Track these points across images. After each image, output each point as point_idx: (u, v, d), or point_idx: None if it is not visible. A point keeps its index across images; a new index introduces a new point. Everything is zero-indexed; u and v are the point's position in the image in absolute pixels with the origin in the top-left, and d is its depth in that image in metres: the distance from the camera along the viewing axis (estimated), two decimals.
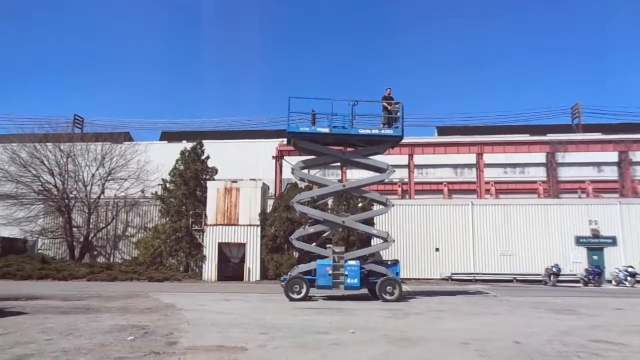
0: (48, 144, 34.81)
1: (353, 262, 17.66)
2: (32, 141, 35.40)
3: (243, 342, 8.53)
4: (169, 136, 57.55)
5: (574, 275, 29.63)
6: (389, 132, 18.64)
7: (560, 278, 28.89)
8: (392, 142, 19.26)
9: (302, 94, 20.16)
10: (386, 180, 36.08)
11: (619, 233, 31.17)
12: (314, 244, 19.40)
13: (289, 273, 18.45)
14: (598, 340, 9.00)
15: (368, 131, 18.46)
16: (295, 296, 16.89)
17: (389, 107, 18.81)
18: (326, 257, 18.07)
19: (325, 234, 20.33)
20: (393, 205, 20.22)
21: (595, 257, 30.91)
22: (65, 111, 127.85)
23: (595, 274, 28.77)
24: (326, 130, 18.12)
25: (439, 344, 8.69)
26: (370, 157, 19.61)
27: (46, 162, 33.97)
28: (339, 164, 21.40)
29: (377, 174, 19.54)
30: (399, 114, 18.61)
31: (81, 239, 34.24)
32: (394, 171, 19.47)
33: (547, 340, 8.96)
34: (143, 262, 30.77)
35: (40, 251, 34.23)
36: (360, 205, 26.41)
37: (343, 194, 28.23)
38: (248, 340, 8.66)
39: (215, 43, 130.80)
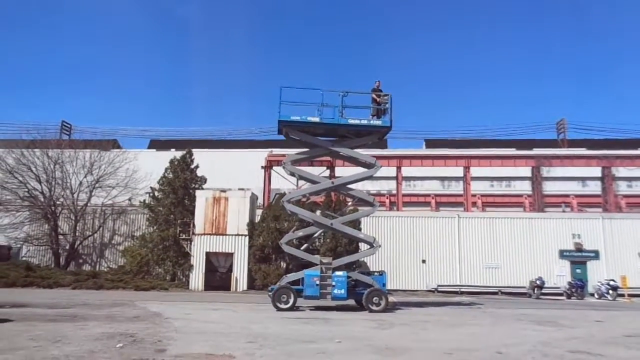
0: (36, 150, 34.62)
1: (340, 273, 17.86)
2: (19, 147, 35.19)
3: (231, 350, 8.66)
4: (158, 144, 57.49)
5: (558, 288, 30.01)
6: (378, 122, 19.01)
7: (544, 291, 29.22)
8: (380, 133, 19.59)
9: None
10: (374, 192, 36.32)
11: (602, 247, 31.73)
12: (302, 248, 19.68)
13: (277, 283, 18.58)
14: (576, 351, 9.27)
15: (357, 121, 18.83)
16: (282, 306, 17.00)
17: (378, 99, 19.15)
18: (314, 263, 18.31)
19: (315, 235, 20.60)
20: (379, 205, 20.54)
21: (578, 271, 31.39)
22: (52, 118, 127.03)
23: (578, 287, 29.22)
24: (316, 119, 18.48)
25: (422, 354, 8.91)
26: (359, 150, 20.05)
27: (33, 169, 33.74)
28: (327, 175, 21.69)
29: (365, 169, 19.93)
30: (387, 105, 18.96)
31: (67, 247, 33.92)
32: (380, 167, 19.76)
33: (527, 351, 9.21)
34: (130, 270, 30.55)
35: (24, 258, 33.82)
36: (350, 203, 26.86)
37: (332, 205, 28.60)
38: (236, 349, 8.79)
39: (205, 53, 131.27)
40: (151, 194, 32.77)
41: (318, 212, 23.62)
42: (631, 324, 14.71)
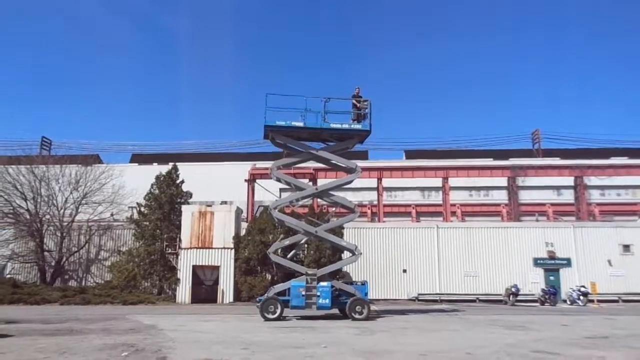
0: (21, 166, 34.83)
1: (325, 283, 18.81)
2: (1, 163, 35.33)
3: (227, 356, 9.51)
4: (140, 158, 57.81)
5: (532, 295, 31.31)
6: (358, 126, 20.25)
7: (519, 298, 30.44)
8: (360, 137, 20.76)
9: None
10: (356, 202, 37.44)
11: (573, 255, 33.21)
12: (288, 256, 20.68)
13: (265, 294, 19.43)
14: (538, 351, 10.32)
15: (339, 125, 20.08)
16: (270, 316, 17.83)
17: (358, 105, 20.37)
18: (300, 272, 19.32)
19: (301, 242, 21.63)
20: (359, 212, 21.69)
21: (551, 278, 32.79)
22: (29, 132, 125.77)
23: (551, 294, 30.54)
24: (300, 124, 19.68)
25: (400, 355, 9.86)
26: (340, 155, 21.15)
27: (19, 187, 33.90)
28: (311, 183, 22.70)
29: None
30: (367, 110, 20.20)
31: (52, 263, 34.11)
32: (361, 171, 20.87)
33: (494, 351, 10.23)
34: (117, 285, 30.99)
35: (9, 275, 33.90)
36: (333, 211, 27.92)
37: (315, 215, 29.55)
38: (232, 355, 9.63)
39: (188, 64, 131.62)
40: (138, 210, 33.31)
41: (303, 221, 24.61)
42: (594, 327, 15.87)
